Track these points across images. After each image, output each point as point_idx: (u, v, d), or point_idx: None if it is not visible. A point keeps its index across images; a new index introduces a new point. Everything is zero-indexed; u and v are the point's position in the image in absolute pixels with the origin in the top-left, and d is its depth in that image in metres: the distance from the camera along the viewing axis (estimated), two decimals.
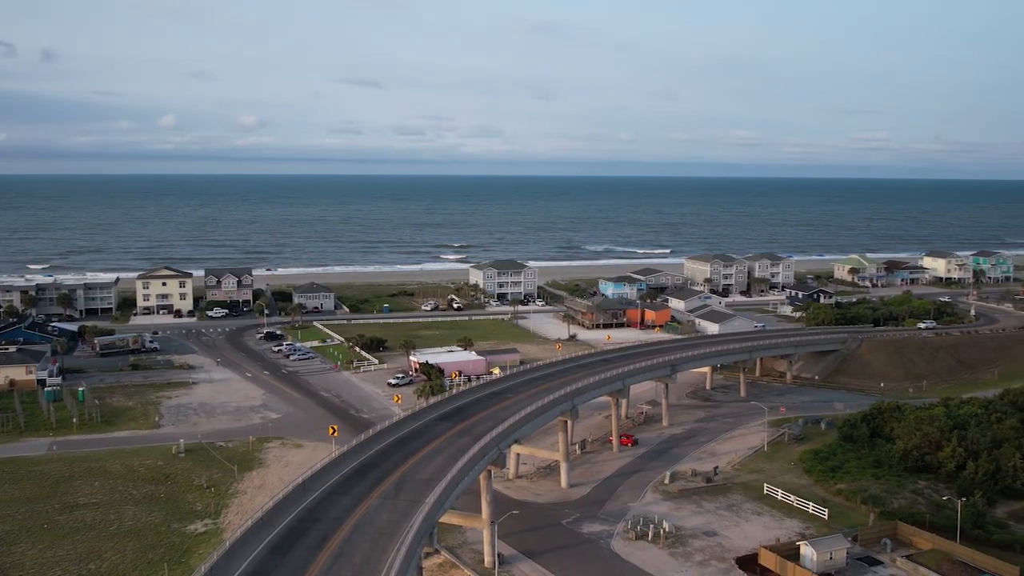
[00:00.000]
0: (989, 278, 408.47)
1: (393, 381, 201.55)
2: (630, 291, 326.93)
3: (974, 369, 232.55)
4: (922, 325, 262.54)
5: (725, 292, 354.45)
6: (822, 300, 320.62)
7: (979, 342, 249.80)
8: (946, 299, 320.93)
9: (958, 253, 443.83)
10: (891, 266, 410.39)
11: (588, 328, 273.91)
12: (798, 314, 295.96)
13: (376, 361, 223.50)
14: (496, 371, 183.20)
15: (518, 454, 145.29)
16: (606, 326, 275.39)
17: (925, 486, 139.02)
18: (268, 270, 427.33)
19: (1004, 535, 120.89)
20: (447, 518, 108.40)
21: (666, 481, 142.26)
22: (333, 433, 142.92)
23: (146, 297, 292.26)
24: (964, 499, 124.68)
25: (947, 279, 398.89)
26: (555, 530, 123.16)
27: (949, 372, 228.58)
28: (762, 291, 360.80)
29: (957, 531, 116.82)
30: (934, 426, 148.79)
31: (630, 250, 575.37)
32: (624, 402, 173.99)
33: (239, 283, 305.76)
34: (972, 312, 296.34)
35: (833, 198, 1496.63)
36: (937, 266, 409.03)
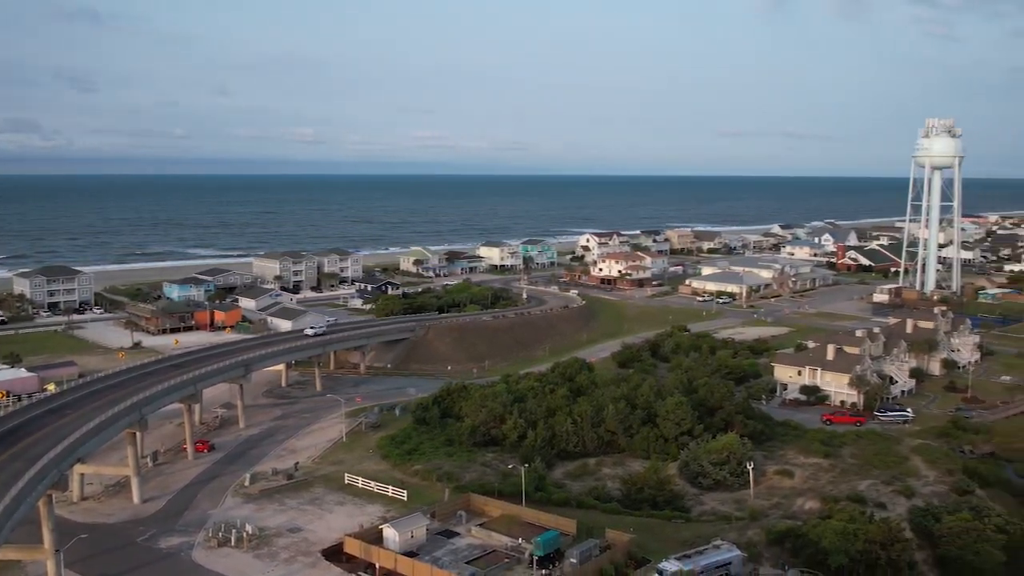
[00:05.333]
0: (537, 264, 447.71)
1: None
2: (197, 293, 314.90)
3: (528, 347, 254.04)
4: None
5: (296, 289, 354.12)
6: (390, 292, 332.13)
7: (531, 322, 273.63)
8: (499, 285, 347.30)
9: (509, 242, 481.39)
10: (451, 256, 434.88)
11: (154, 334, 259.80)
12: (368, 306, 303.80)
13: None
14: (51, 387, 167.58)
15: (82, 474, 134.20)
16: (173, 330, 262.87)
17: (493, 458, 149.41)
18: None
19: (562, 494, 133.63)
20: (3, 554, 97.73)
21: (246, 483, 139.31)
22: None
23: None
24: (526, 466, 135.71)
25: (501, 266, 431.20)
26: (130, 549, 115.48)
27: (507, 351, 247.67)
28: (332, 286, 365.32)
29: (522, 495, 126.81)
30: (497, 402, 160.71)
31: (194, 251, 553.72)
32: (197, 407, 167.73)
33: None
34: (524, 296, 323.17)
35: (396, 194, 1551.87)
36: (492, 255, 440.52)
